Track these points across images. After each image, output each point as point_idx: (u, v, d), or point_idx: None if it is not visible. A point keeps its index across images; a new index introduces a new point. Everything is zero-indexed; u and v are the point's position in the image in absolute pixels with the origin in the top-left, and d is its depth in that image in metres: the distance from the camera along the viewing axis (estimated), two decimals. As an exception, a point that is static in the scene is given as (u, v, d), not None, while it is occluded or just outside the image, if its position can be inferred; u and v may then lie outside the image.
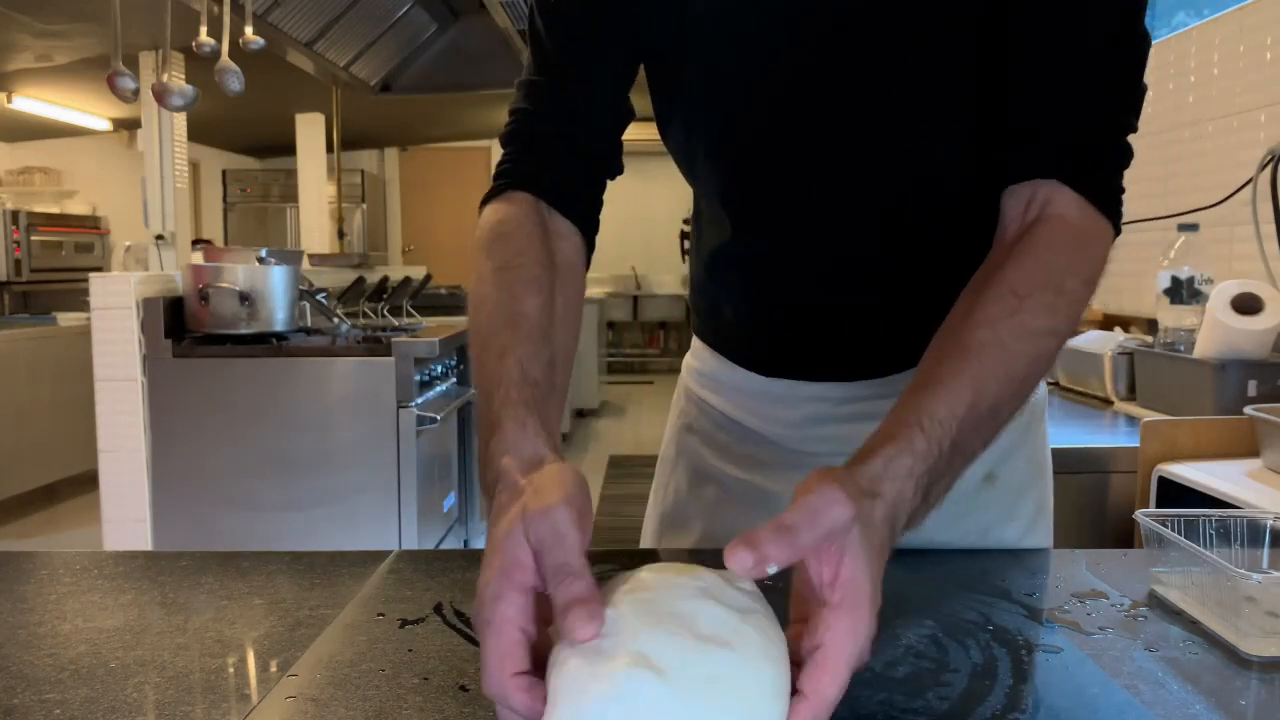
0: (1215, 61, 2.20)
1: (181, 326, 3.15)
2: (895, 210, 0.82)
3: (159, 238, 4.68)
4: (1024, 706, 0.56)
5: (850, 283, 0.85)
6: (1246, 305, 1.73)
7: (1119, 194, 0.72)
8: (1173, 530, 0.73)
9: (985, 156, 0.75)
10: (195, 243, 4.14)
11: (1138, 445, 1.57)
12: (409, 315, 4.23)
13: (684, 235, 8.67)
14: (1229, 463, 1.50)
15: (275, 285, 3.21)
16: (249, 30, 3.48)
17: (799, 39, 0.77)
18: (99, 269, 6.72)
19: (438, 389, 3.43)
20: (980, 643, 0.65)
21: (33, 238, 6.59)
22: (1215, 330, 1.75)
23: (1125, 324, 2.41)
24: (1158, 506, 1.41)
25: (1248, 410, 1.48)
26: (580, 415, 7.18)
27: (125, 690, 0.59)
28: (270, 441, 3.11)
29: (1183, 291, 1.97)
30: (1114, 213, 0.71)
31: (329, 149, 6.42)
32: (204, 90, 3.60)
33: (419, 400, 3.18)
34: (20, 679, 0.60)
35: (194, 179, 8.55)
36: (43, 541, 4.38)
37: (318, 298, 3.50)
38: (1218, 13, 2.21)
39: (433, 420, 3.19)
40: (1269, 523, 0.75)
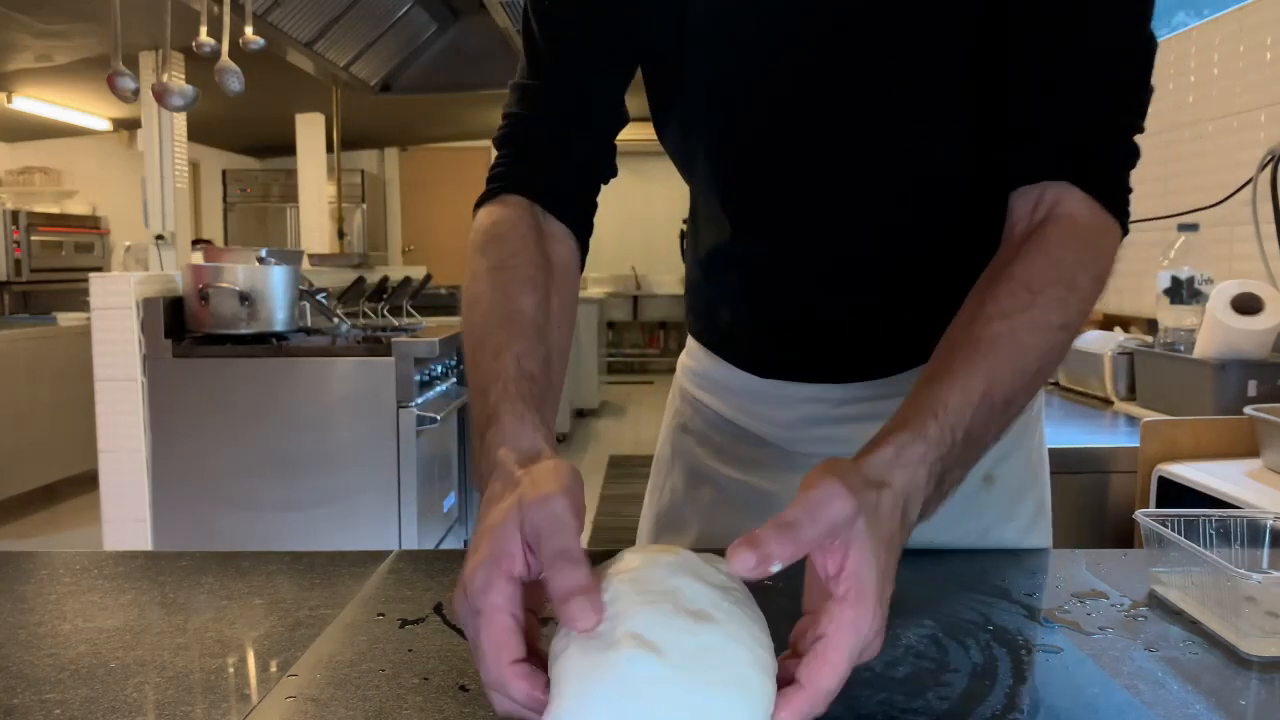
0: (1215, 61, 2.20)
1: (181, 326, 3.15)
2: (895, 210, 0.82)
3: (159, 238, 4.68)
4: (1024, 706, 0.56)
5: (849, 283, 0.85)
6: (1246, 305, 1.73)
7: (1126, 193, 0.72)
8: (1173, 530, 0.73)
9: (987, 157, 0.75)
10: (195, 243, 4.13)
11: (1138, 445, 1.57)
12: (409, 315, 4.23)
13: (684, 235, 8.66)
14: (1229, 463, 1.50)
15: (275, 285, 3.21)
16: (249, 30, 3.48)
17: (799, 39, 0.77)
18: (99, 269, 6.72)
19: (438, 389, 3.43)
20: (980, 643, 0.65)
21: (33, 238, 6.59)
22: (1215, 330, 1.75)
23: (1125, 324, 2.41)
24: (1158, 506, 1.41)
25: (1248, 410, 1.48)
26: (580, 415, 7.17)
27: (125, 690, 0.59)
28: (270, 441, 3.11)
29: (1183, 291, 1.97)
30: (1122, 212, 0.71)
31: (329, 149, 6.42)
32: (204, 90, 3.60)
33: (419, 400, 3.18)
34: (20, 679, 0.60)
35: (194, 179, 8.55)
36: (43, 541, 4.38)
37: (318, 298, 3.50)
38: (1218, 13, 2.21)
39: (433, 420, 3.19)
40: (1269, 523, 0.75)
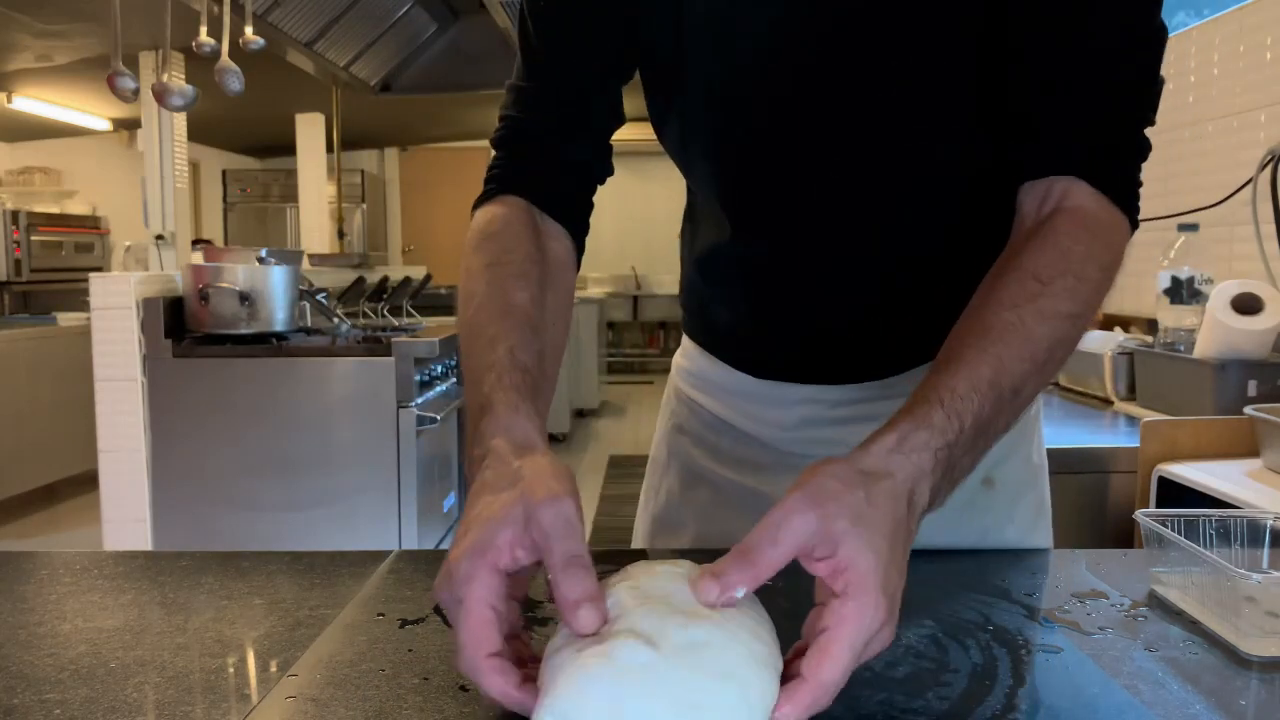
0: (1215, 61, 2.20)
1: (181, 326, 3.15)
2: (895, 210, 0.82)
3: (159, 238, 4.68)
4: (1024, 707, 0.56)
5: (849, 283, 0.85)
6: (1246, 305, 1.73)
7: (1136, 187, 0.72)
8: (1173, 530, 0.73)
9: (991, 154, 0.75)
10: (195, 243, 4.13)
11: (1138, 445, 1.57)
12: (409, 315, 4.23)
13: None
14: (1229, 463, 1.50)
15: (275, 285, 3.21)
16: (249, 30, 3.48)
17: (799, 39, 0.77)
18: (99, 269, 6.72)
19: (438, 389, 3.43)
20: (980, 643, 0.65)
21: (33, 238, 6.59)
22: (1215, 330, 1.75)
23: (1125, 324, 2.41)
24: (1158, 506, 1.41)
25: (1248, 410, 1.48)
26: (580, 415, 7.17)
27: (125, 690, 0.59)
28: (270, 441, 3.11)
29: (1183, 291, 1.97)
30: (1131, 207, 0.71)
31: (329, 149, 6.42)
32: (204, 90, 3.60)
33: (419, 400, 3.18)
34: (20, 679, 0.60)
35: (194, 179, 8.55)
36: (43, 541, 4.38)
37: (318, 298, 3.50)
38: (1218, 13, 2.21)
39: (433, 420, 3.19)
40: (1269, 523, 0.75)
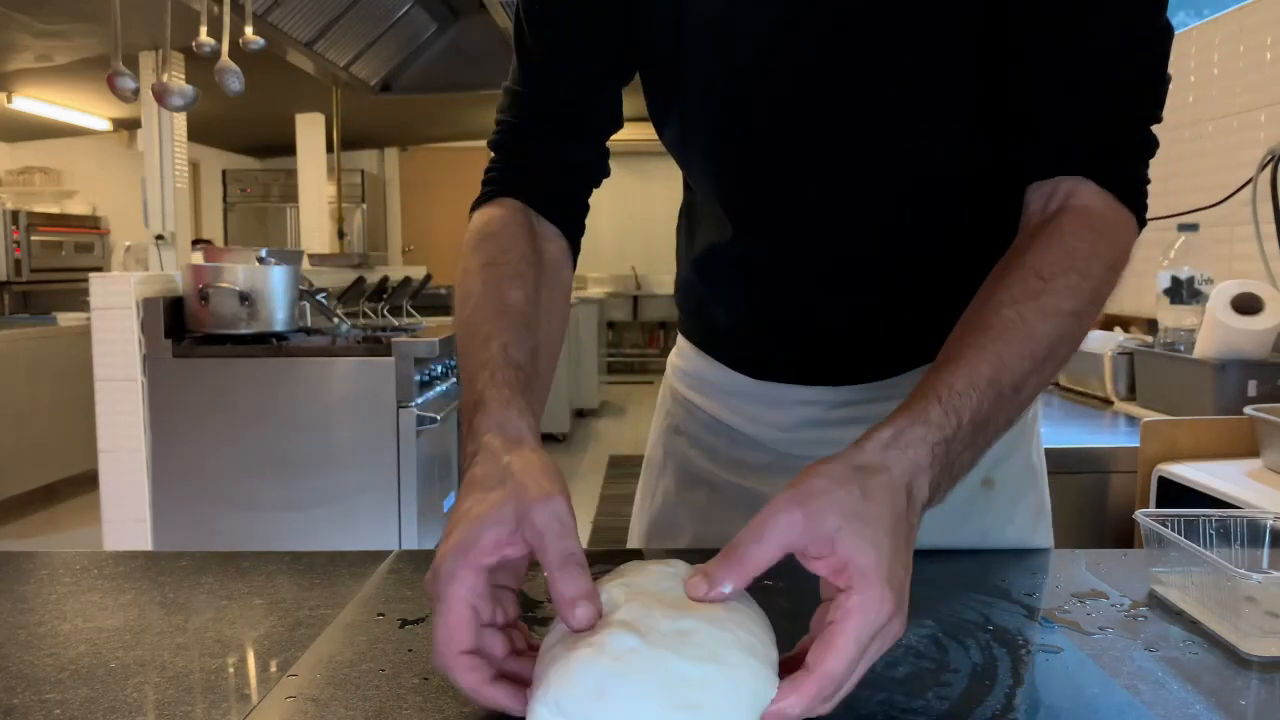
0: (1215, 61, 2.20)
1: (181, 326, 3.15)
2: (896, 210, 0.82)
3: (159, 238, 4.67)
4: (1024, 707, 0.56)
5: (849, 284, 0.85)
6: (1246, 305, 1.73)
7: (1143, 184, 0.72)
8: (1173, 530, 0.73)
9: (994, 154, 0.75)
10: (195, 243, 4.13)
11: (1138, 445, 1.57)
12: (409, 315, 4.23)
13: (684, 235, 8.63)
14: (1229, 463, 1.50)
15: (275, 285, 3.21)
16: (249, 30, 3.48)
17: (799, 39, 0.76)
18: (99, 269, 6.72)
19: (438, 389, 3.43)
20: (980, 643, 0.65)
21: (33, 238, 6.59)
22: (1215, 330, 1.75)
23: (1125, 324, 2.41)
24: (1158, 506, 1.41)
25: (1248, 410, 1.48)
26: (580, 415, 7.17)
27: (125, 690, 0.59)
28: (270, 441, 3.11)
29: (1183, 291, 1.97)
30: (1138, 204, 0.71)
31: (329, 149, 6.42)
32: (204, 90, 3.60)
33: (419, 400, 3.18)
34: (20, 679, 0.60)
35: (194, 179, 8.55)
36: (43, 541, 4.38)
37: (318, 298, 3.50)
38: (1218, 13, 2.21)
39: (433, 420, 3.19)
40: (1269, 523, 0.75)
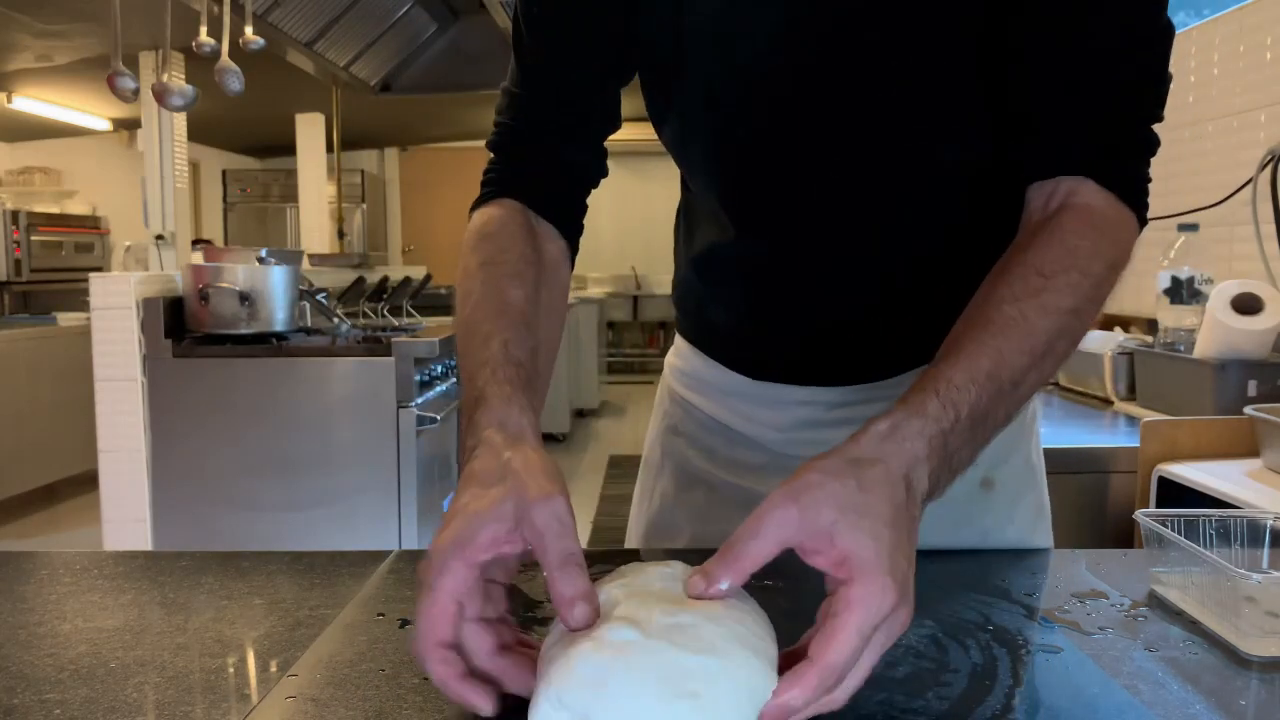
0: (1215, 61, 2.20)
1: (181, 326, 3.14)
2: (896, 211, 0.82)
3: (159, 238, 4.67)
4: (1024, 707, 0.56)
5: (849, 284, 0.85)
6: (1246, 305, 1.73)
7: (1144, 183, 0.72)
8: (1173, 530, 0.73)
9: (994, 154, 0.75)
10: (195, 243, 4.13)
11: (1138, 445, 1.57)
12: (409, 315, 4.23)
13: (684, 235, 8.63)
14: (1229, 463, 1.50)
15: (275, 285, 3.21)
16: (249, 30, 3.48)
17: (799, 39, 0.76)
18: (99, 269, 6.72)
19: (438, 389, 3.43)
20: (980, 643, 0.65)
21: (33, 238, 6.59)
22: (1215, 330, 1.75)
23: (1125, 324, 2.41)
24: (1158, 506, 1.41)
25: (1248, 410, 1.48)
26: (580, 415, 7.17)
27: (125, 690, 0.59)
28: (270, 441, 3.11)
29: (1183, 291, 1.97)
30: (1139, 203, 0.71)
31: (329, 149, 6.42)
32: (204, 90, 3.60)
33: (419, 400, 3.18)
34: (20, 679, 0.60)
35: (194, 179, 8.55)
36: (43, 541, 4.38)
37: (318, 298, 3.50)
38: (1218, 13, 2.21)
39: (433, 420, 3.19)
40: (1269, 523, 0.75)
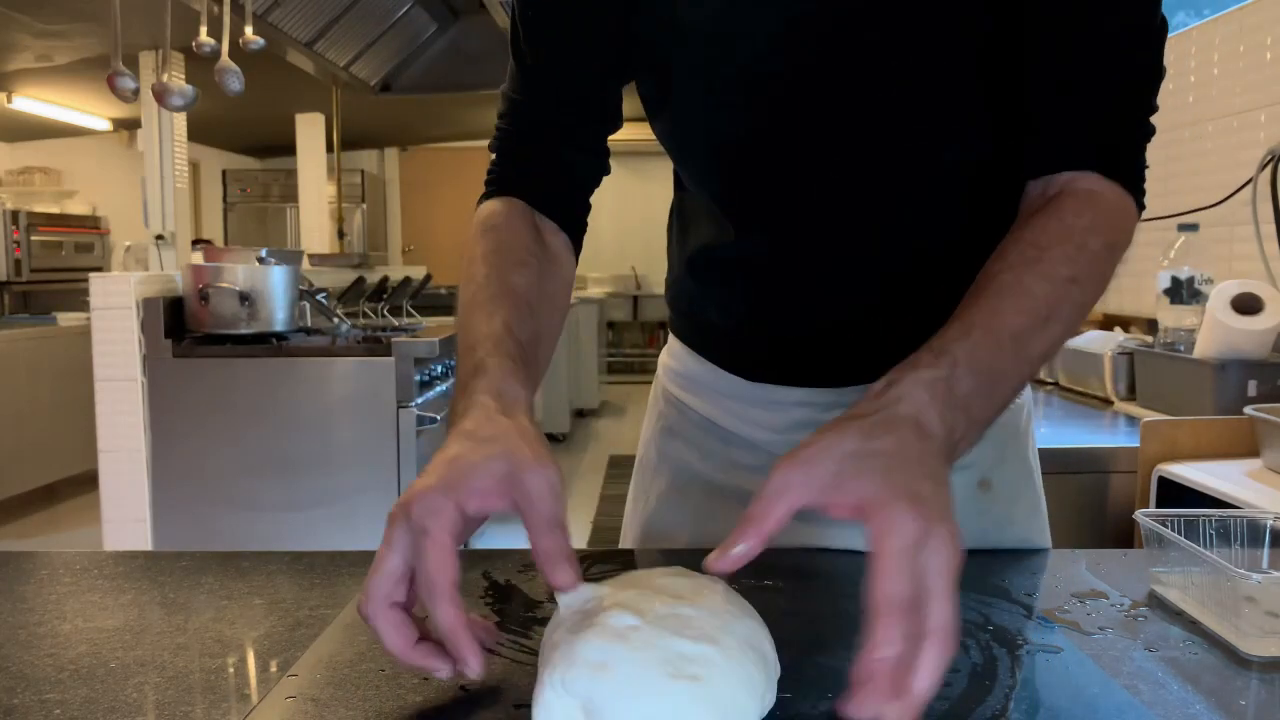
0: (1215, 61, 2.20)
1: (181, 326, 3.15)
2: (896, 211, 0.82)
3: (159, 238, 4.67)
4: (1024, 707, 0.56)
5: (848, 284, 0.85)
6: (1246, 305, 1.73)
7: (1142, 170, 0.73)
8: (1173, 530, 0.73)
9: (996, 155, 0.75)
10: (195, 243, 4.14)
11: (1138, 445, 1.57)
12: (409, 315, 4.23)
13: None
14: (1229, 463, 1.50)
15: (275, 285, 3.21)
16: (249, 30, 3.48)
17: (799, 39, 0.76)
18: (99, 269, 6.72)
19: (438, 389, 3.43)
20: (980, 643, 0.65)
21: (33, 238, 6.59)
22: (1215, 330, 1.75)
23: (1125, 324, 2.41)
24: (1158, 506, 1.41)
25: (1248, 410, 1.48)
26: (580, 415, 7.17)
27: (125, 690, 0.59)
28: (270, 441, 3.11)
29: (1183, 291, 1.97)
30: (1137, 189, 0.72)
31: (329, 149, 6.42)
32: (204, 90, 3.60)
33: (419, 400, 3.18)
34: (20, 679, 0.60)
35: (194, 179, 8.55)
36: (43, 541, 4.38)
37: (318, 298, 3.50)
38: (1218, 13, 2.21)
39: (433, 420, 3.19)
40: (1269, 523, 0.75)
